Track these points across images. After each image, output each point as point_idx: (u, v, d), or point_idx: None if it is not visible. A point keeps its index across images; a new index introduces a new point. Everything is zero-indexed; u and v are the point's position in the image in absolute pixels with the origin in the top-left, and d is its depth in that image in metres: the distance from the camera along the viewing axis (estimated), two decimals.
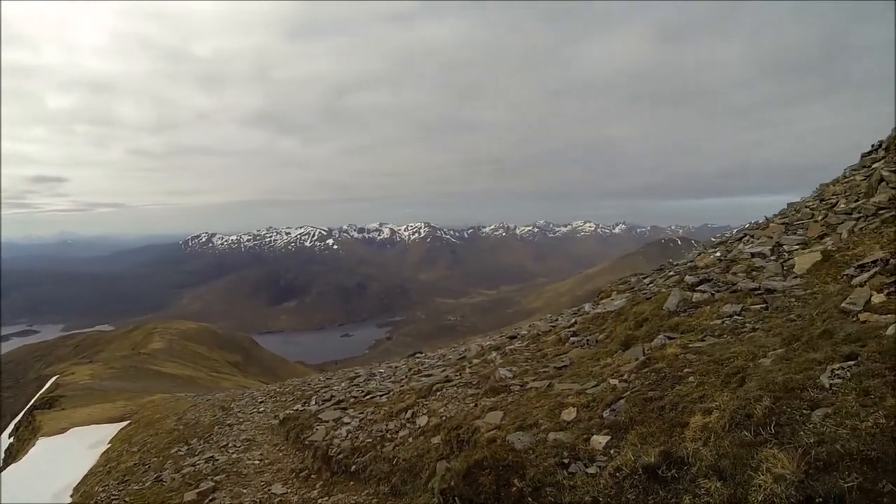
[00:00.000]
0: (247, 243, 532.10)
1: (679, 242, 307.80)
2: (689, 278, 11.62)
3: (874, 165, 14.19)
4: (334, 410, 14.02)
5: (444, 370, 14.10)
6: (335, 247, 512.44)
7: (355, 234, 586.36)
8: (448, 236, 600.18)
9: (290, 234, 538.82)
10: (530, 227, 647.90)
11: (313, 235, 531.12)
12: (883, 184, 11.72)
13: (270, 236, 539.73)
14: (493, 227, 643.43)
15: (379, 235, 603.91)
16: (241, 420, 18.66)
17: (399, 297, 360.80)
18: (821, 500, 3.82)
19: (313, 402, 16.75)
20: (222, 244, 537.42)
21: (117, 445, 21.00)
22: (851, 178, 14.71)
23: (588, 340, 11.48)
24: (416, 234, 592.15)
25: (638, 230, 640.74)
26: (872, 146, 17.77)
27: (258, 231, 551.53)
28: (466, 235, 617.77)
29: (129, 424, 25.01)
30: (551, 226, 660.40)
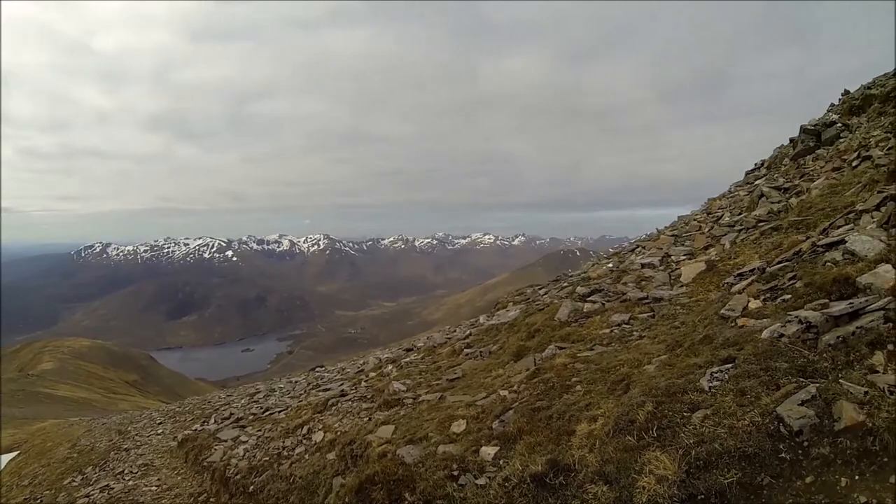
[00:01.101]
0: (143, 254, 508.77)
1: (578, 253, 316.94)
2: (580, 289, 12.01)
3: (756, 182, 15.14)
4: (233, 429, 13.80)
5: (342, 384, 14.13)
6: (235, 259, 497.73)
7: (255, 246, 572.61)
8: (348, 248, 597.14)
9: (188, 245, 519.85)
10: (429, 239, 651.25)
11: (212, 247, 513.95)
12: (763, 199, 12.54)
13: (168, 247, 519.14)
14: (392, 238, 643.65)
15: (279, 247, 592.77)
16: (138, 444, 18.01)
17: (299, 310, 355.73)
18: (702, 497, 4.06)
19: (212, 421, 16.43)
20: (117, 255, 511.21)
21: (6, 479, 19.54)
22: (736, 193, 15.64)
23: (482, 352, 11.69)
24: (316, 246, 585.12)
25: (537, 242, 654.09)
26: (755, 165, 18.96)
27: (155, 241, 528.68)
28: (366, 247, 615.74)
29: (19, 455, 23.40)
30: (451, 238, 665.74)
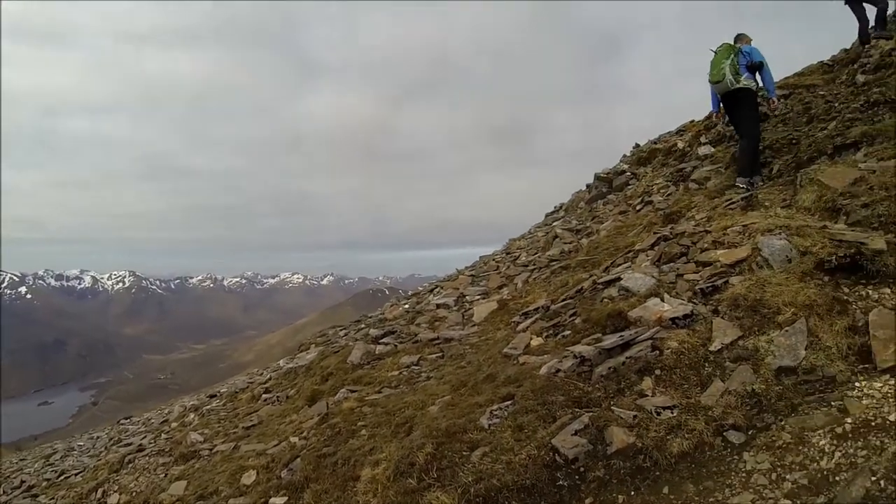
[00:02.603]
0: None
1: (387, 292, 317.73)
2: (373, 331, 12.14)
3: (553, 224, 16.14)
4: (24, 499, 12.62)
5: (145, 437, 13.60)
6: (29, 296, 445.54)
7: (53, 282, 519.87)
8: (154, 287, 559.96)
9: None
10: (238, 278, 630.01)
11: (3, 282, 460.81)
12: (557, 239, 13.40)
13: None
14: (200, 277, 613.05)
15: (80, 284, 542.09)
16: None
17: (103, 355, 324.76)
18: None
19: (1, 492, 14.70)
20: None
21: None
22: (534, 234, 16.59)
23: (279, 397, 11.63)
24: (121, 284, 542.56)
25: (346, 281, 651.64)
26: (555, 207, 20.22)
27: None
28: (174, 286, 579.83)
29: None
30: (260, 277, 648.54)
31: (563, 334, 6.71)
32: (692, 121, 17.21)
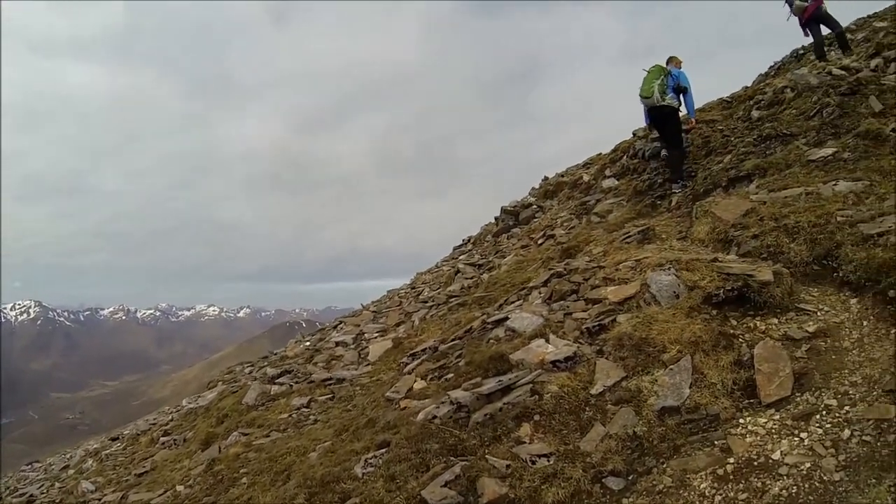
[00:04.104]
0: None
1: (304, 325, 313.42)
2: (270, 370, 11.85)
3: (460, 258, 16.01)
4: None
5: (42, 485, 12.84)
6: None
7: None
8: (62, 318, 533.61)
9: None
10: (152, 310, 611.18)
11: None
12: (459, 274, 13.27)
13: None
14: (112, 308, 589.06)
15: None
16: None
17: (7, 394, 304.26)
18: None
19: None
20: None
21: None
22: (440, 268, 16.42)
23: (176, 440, 11.26)
24: (26, 315, 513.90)
25: (263, 313, 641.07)
26: (463, 240, 20.11)
27: None
28: (83, 318, 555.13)
29: None
30: (174, 309, 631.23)
31: (447, 377, 6.53)
32: (599, 154, 17.45)
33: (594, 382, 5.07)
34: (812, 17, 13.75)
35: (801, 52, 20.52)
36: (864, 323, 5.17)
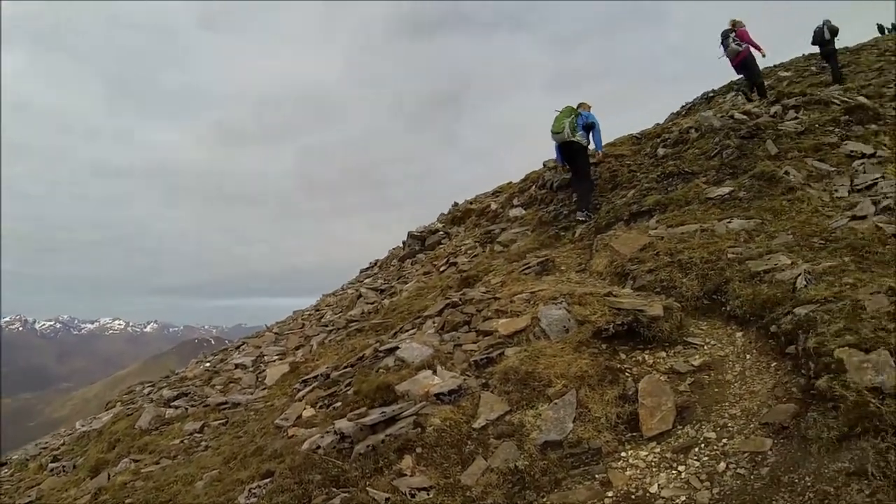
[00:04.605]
0: None
1: (213, 342, 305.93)
2: (166, 392, 11.53)
3: (365, 281, 15.94)
4: None
5: None
6: None
7: None
8: None
9: None
10: (52, 322, 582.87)
11: None
12: (361, 299, 13.23)
13: None
14: (8, 319, 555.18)
15: None
16: None
17: None
18: None
19: None
20: None
21: None
22: (345, 291, 16.30)
23: (65, 466, 10.61)
24: None
25: (171, 329, 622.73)
26: (370, 263, 20.01)
27: None
28: None
29: None
30: (76, 321, 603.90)
31: (335, 406, 6.49)
32: (510, 182, 17.66)
33: (477, 416, 5.09)
34: (741, 63, 15.27)
35: (711, 94, 21.53)
36: (748, 356, 5.36)
